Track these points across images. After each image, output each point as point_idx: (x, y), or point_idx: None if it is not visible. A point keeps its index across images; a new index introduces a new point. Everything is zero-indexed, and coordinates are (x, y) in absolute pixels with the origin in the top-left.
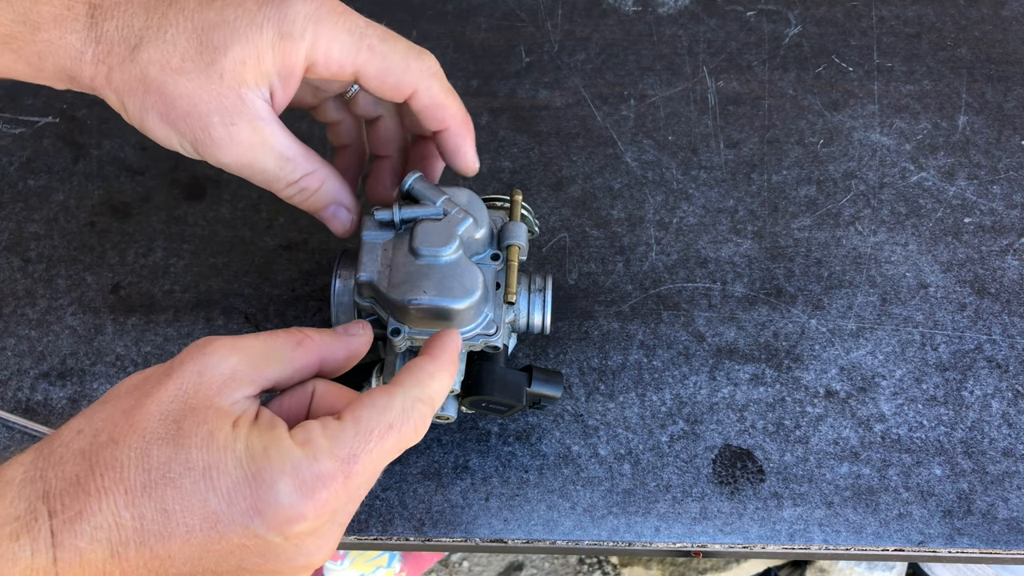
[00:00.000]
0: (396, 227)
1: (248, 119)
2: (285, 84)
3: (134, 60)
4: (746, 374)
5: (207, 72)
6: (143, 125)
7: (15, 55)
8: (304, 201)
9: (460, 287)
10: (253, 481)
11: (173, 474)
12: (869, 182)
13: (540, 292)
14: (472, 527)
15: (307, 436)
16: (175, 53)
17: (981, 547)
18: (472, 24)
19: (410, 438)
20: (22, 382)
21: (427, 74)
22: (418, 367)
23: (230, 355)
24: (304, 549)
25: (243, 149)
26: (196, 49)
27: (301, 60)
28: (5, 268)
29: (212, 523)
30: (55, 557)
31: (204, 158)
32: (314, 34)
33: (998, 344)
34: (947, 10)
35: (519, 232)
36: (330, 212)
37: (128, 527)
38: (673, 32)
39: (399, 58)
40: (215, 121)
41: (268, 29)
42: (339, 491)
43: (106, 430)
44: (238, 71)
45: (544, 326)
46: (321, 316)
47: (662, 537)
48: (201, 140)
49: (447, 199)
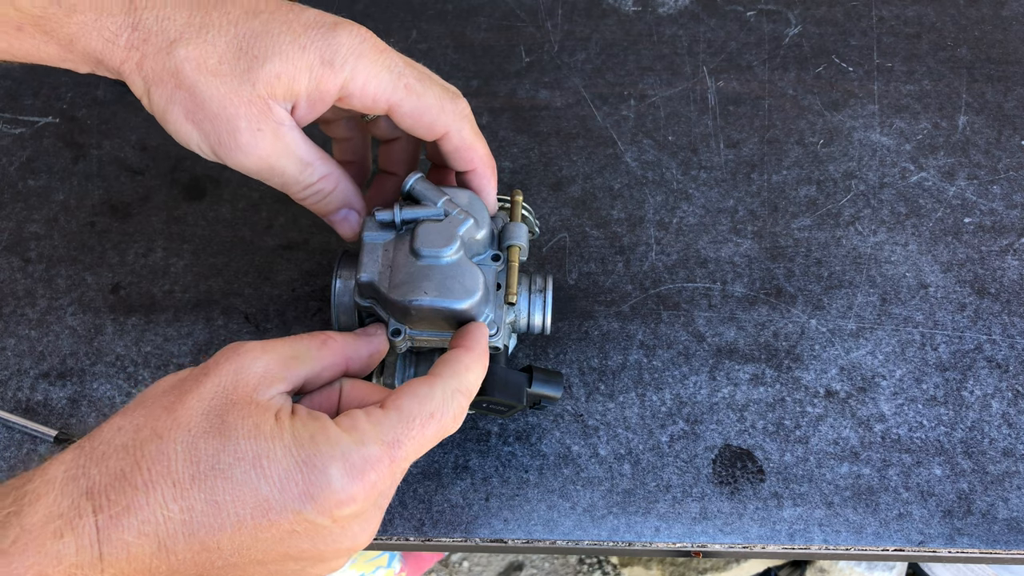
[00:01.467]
0: (397, 228)
1: (272, 126)
2: (312, 106)
3: (170, 54)
4: (746, 374)
5: (241, 78)
6: (164, 118)
7: (47, 36)
8: (317, 203)
9: (461, 288)
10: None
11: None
12: (869, 182)
13: (540, 292)
14: (472, 527)
15: (353, 423)
16: (213, 54)
17: (981, 547)
18: (472, 24)
19: (449, 427)
20: (22, 382)
21: (460, 117)
22: (455, 359)
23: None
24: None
25: (265, 154)
26: (235, 54)
27: (336, 89)
28: (5, 268)
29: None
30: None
31: (221, 159)
32: (354, 67)
33: (998, 344)
34: (947, 10)
35: (520, 233)
36: (341, 216)
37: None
38: (673, 32)
39: (434, 99)
40: (242, 126)
41: (311, 52)
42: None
43: (148, 425)
44: (271, 84)
45: (544, 326)
46: (321, 316)
47: (662, 537)
48: (225, 143)
49: (448, 200)
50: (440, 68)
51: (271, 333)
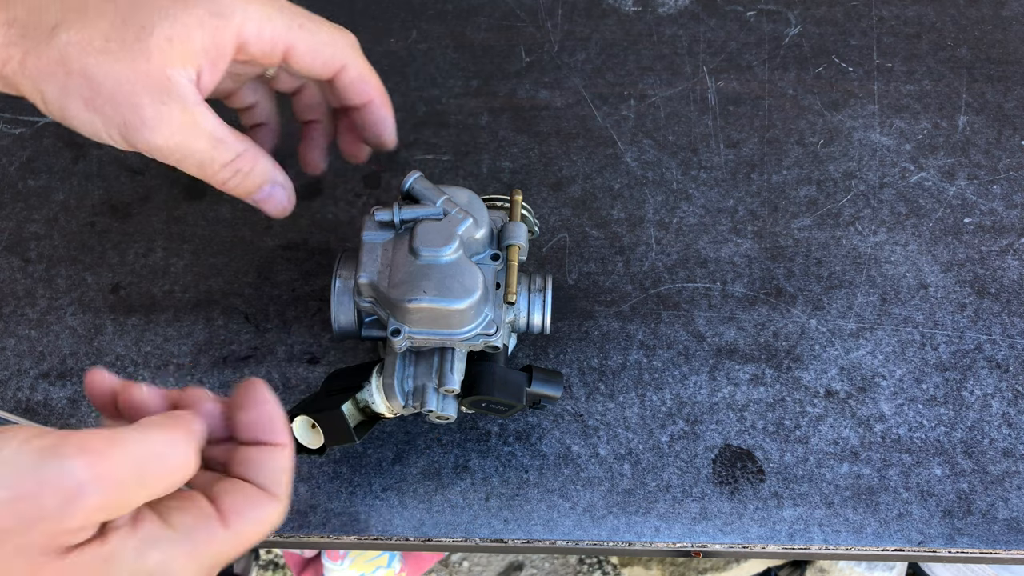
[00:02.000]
0: (396, 227)
1: (177, 99)
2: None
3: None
4: (746, 374)
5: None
6: (64, 114)
7: None
8: (239, 184)
9: (460, 287)
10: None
11: None
12: (869, 182)
13: (540, 292)
14: (472, 527)
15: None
16: (97, 33)
17: (981, 547)
18: (472, 24)
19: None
20: (22, 382)
21: (353, 49)
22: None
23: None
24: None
25: (174, 130)
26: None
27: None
28: (5, 268)
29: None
30: None
31: (134, 145)
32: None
33: (998, 344)
34: (947, 10)
35: (519, 232)
36: (265, 192)
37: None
38: (673, 32)
39: (327, 35)
40: (144, 102)
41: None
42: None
43: None
44: (165, 50)
45: (544, 326)
46: (321, 316)
47: (662, 537)
48: (131, 123)
49: (447, 199)
50: (440, 68)
51: (271, 333)
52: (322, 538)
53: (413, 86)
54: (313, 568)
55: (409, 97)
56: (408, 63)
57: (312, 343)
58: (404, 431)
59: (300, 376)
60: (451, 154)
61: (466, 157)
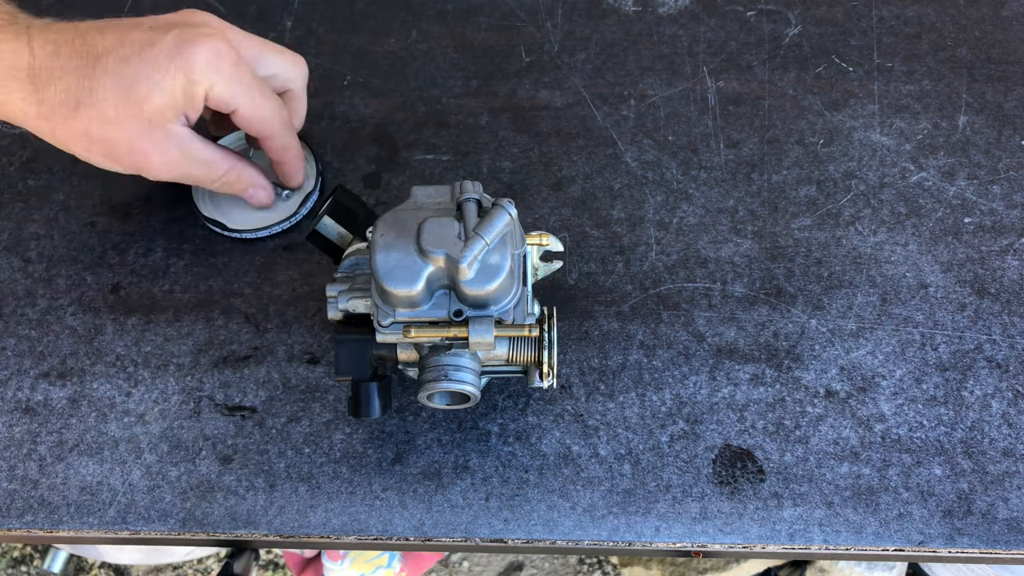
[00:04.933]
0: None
1: (175, 143)
2: (195, 110)
3: (76, 118)
4: (746, 374)
5: (137, 119)
6: (88, 160)
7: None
8: (228, 189)
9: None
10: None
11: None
12: (869, 182)
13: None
14: (472, 527)
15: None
16: (109, 108)
17: (981, 547)
18: (472, 24)
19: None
20: (22, 382)
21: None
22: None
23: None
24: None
25: (175, 165)
26: (125, 103)
27: (202, 96)
28: (5, 268)
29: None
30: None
31: (143, 175)
32: (212, 82)
33: (998, 344)
34: (947, 10)
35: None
36: (248, 193)
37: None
38: (673, 32)
39: (268, 112)
40: (151, 151)
41: (178, 78)
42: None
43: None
44: (161, 113)
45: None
46: (321, 316)
47: (662, 537)
48: (142, 166)
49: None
50: (440, 68)
51: (271, 333)
52: (322, 538)
53: (413, 86)
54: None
55: (409, 97)
56: (408, 63)
57: (312, 343)
58: (404, 431)
59: (300, 376)
60: (451, 154)
61: (466, 157)
